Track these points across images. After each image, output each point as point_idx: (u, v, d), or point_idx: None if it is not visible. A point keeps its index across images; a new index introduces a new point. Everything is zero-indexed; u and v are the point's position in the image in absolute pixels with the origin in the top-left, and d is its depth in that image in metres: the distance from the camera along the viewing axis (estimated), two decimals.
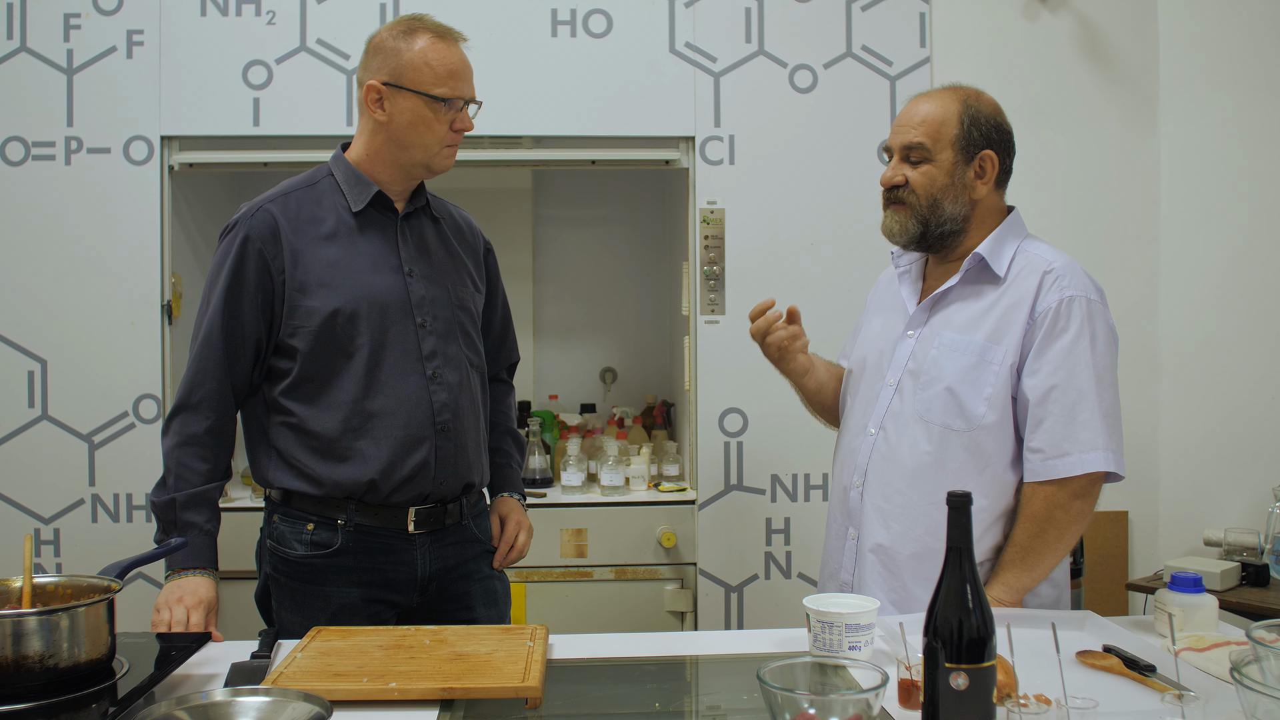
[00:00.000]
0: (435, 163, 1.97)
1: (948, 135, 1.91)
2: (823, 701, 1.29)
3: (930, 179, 1.92)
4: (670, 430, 3.64)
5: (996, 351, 1.87)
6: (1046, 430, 1.83)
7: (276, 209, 1.95)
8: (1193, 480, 3.12)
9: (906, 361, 1.95)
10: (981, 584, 1.28)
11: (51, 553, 2.89)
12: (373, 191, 1.97)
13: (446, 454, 1.98)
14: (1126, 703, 1.43)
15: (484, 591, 2.09)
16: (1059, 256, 1.92)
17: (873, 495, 1.95)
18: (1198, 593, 1.71)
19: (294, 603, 1.97)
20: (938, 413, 1.89)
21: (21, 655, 1.30)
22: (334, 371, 1.93)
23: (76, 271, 2.90)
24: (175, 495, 1.89)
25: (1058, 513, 1.83)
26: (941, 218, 1.93)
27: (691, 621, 3.05)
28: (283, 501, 1.97)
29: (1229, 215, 3.07)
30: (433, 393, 1.97)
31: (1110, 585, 3.16)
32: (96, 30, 2.90)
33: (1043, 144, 3.11)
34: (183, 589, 1.84)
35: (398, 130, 1.94)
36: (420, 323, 1.98)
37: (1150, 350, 3.17)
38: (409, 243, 2.01)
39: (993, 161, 1.92)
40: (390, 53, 1.93)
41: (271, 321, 1.94)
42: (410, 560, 1.99)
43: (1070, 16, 3.12)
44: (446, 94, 1.92)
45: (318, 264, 1.93)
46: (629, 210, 3.84)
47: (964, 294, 1.94)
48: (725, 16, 3.04)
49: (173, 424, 1.93)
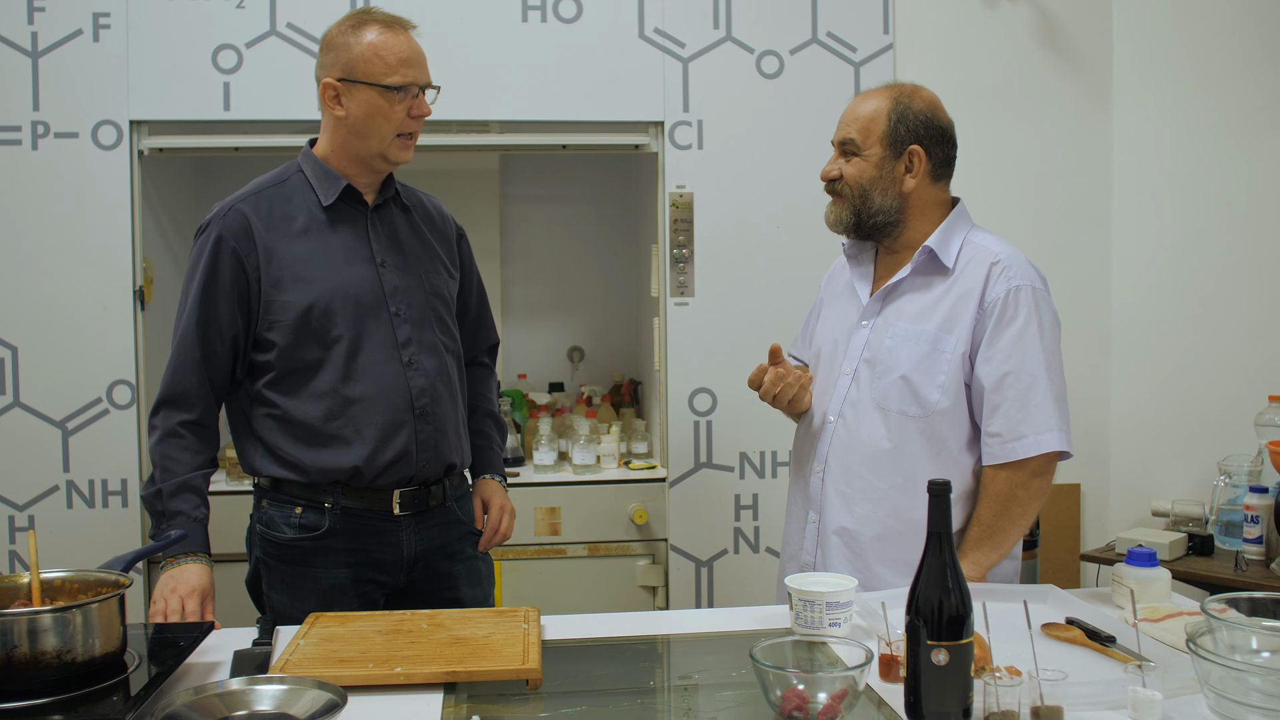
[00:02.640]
0: (391, 153, 2.00)
1: (876, 131, 2.00)
2: (813, 678, 1.37)
3: (860, 171, 2.01)
4: (638, 408, 3.70)
5: (948, 340, 1.96)
6: (1003, 415, 1.92)
7: (248, 207, 1.99)
8: (1141, 455, 3.25)
9: (862, 351, 2.04)
10: (960, 567, 1.36)
11: (25, 541, 2.89)
12: (342, 185, 2.01)
13: (427, 437, 2.03)
14: (1090, 673, 1.53)
15: (468, 571, 2.15)
16: (1004, 247, 2.01)
17: (834, 480, 2.04)
18: (1152, 566, 1.81)
19: (284, 585, 2.02)
20: (894, 400, 1.98)
21: (40, 651, 1.34)
22: (313, 363, 1.98)
23: (46, 257, 2.89)
24: (161, 486, 1.93)
25: (1019, 491, 1.93)
26: (872, 209, 2.02)
27: (663, 596, 3.13)
28: (271, 488, 2.02)
29: (1179, 201, 3.18)
30: (410, 379, 2.02)
31: (1063, 555, 3.29)
32: (62, 12, 2.87)
33: (1001, 130, 3.21)
34: (177, 579, 1.88)
35: (356, 124, 1.97)
36: (395, 311, 2.02)
37: (1102, 330, 3.29)
38: (380, 234, 2.06)
39: (920, 157, 2.00)
40: (341, 48, 1.96)
41: (249, 318, 1.98)
42: (396, 541, 2.04)
43: (1029, 6, 3.21)
44: (399, 82, 1.96)
45: (291, 260, 1.97)
46: (595, 190, 3.88)
47: (915, 285, 2.03)
48: (694, 3, 3.08)
49: (155, 420, 1.98)
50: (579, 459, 3.20)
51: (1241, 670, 1.35)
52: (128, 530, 2.91)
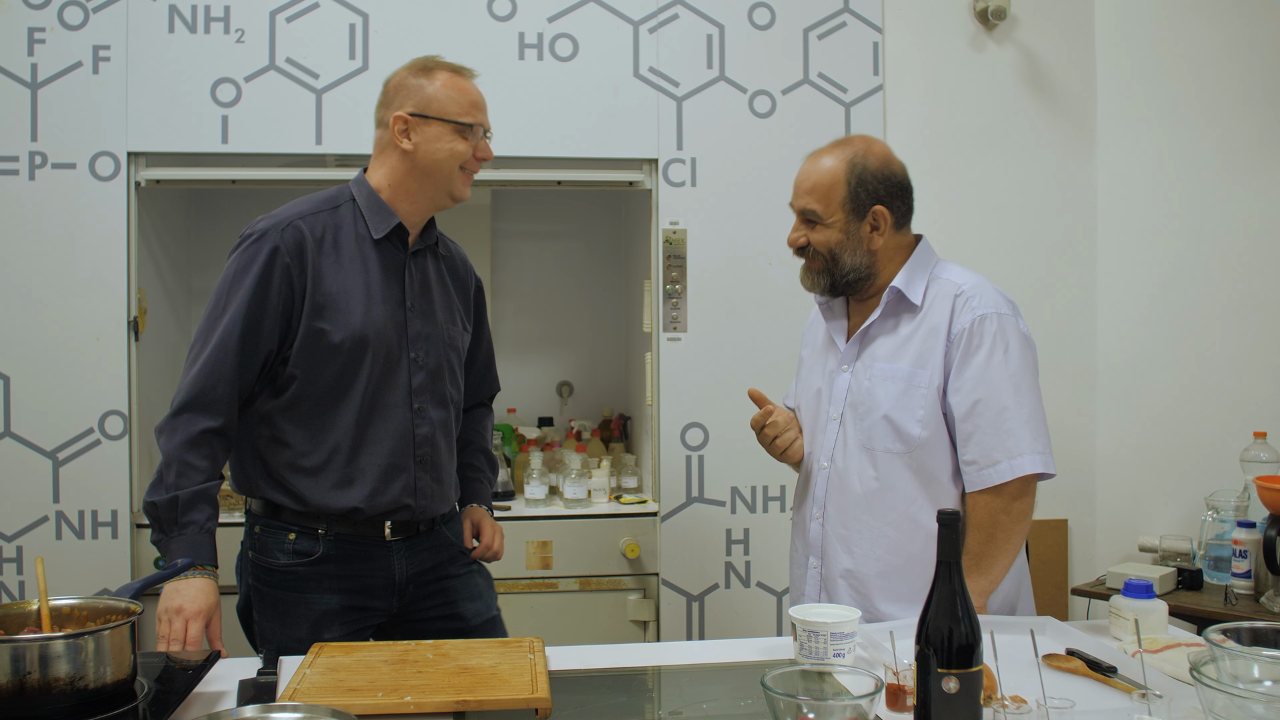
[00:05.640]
0: (456, 190, 2.06)
1: (836, 198, 2.02)
2: (824, 706, 1.38)
3: (827, 238, 2.04)
4: (627, 443, 3.71)
5: (922, 375, 1.99)
6: (976, 443, 1.96)
7: (306, 226, 1.99)
8: (1128, 490, 3.29)
9: (845, 395, 2.08)
10: (970, 595, 1.38)
11: (14, 570, 2.87)
12: (394, 222, 2.04)
13: (424, 485, 2.06)
14: (1095, 702, 1.55)
15: (464, 586, 2.15)
16: (968, 277, 2.04)
17: (832, 524, 2.07)
18: (1149, 598, 1.84)
19: (275, 612, 2.01)
20: (879, 439, 2.01)
21: (53, 677, 1.33)
22: (331, 397, 1.98)
23: (41, 287, 2.88)
24: (178, 493, 1.86)
25: (1001, 516, 1.95)
26: (844, 269, 2.04)
27: (654, 631, 3.13)
28: (264, 513, 2.02)
29: (1162, 238, 3.25)
30: (416, 426, 2.04)
31: (1051, 590, 3.32)
32: (62, 45, 2.89)
33: (987, 169, 3.27)
34: (183, 595, 1.83)
35: (424, 159, 2.02)
36: (414, 358, 2.05)
37: (1088, 366, 3.34)
38: (414, 278, 2.08)
39: (884, 216, 2.03)
40: (413, 88, 2.02)
41: (285, 336, 1.97)
42: (388, 566, 2.05)
43: (1014, 48, 3.28)
44: (470, 121, 2.02)
45: (334, 289, 1.98)
46: (584, 227, 3.91)
47: (886, 326, 2.06)
48: (688, 43, 3.14)
49: (176, 422, 1.90)
50: (570, 493, 3.20)
51: (1245, 698, 1.37)
52: (118, 561, 2.89)
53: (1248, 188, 3.11)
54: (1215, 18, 3.21)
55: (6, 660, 1.32)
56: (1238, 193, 3.13)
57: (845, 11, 3.20)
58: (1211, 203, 3.16)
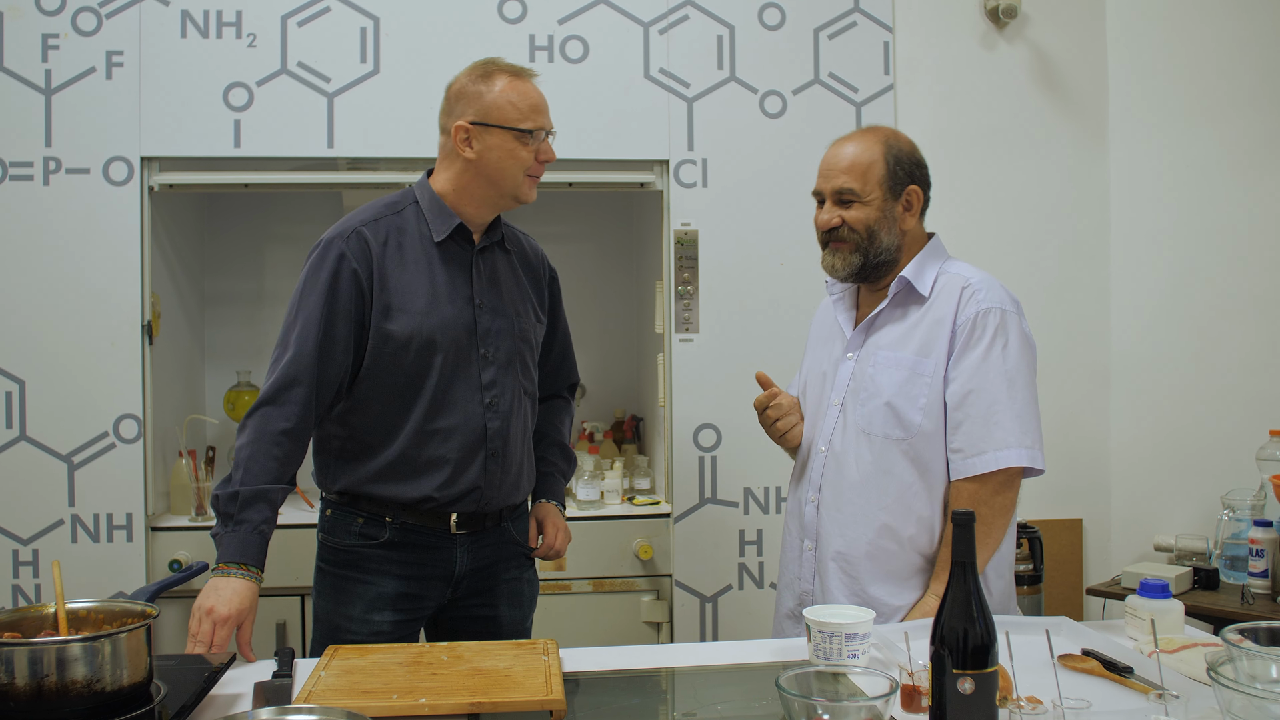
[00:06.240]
0: (521, 194, 2.08)
1: (875, 176, 2.05)
2: (839, 707, 1.38)
3: (865, 215, 2.06)
4: (640, 444, 3.71)
5: (926, 364, 2.01)
6: (965, 432, 1.98)
7: (369, 232, 2.03)
8: (1143, 489, 3.28)
9: (848, 382, 2.10)
10: (985, 596, 1.38)
11: (30, 574, 2.88)
12: (455, 223, 2.07)
13: (494, 477, 2.09)
14: (1112, 703, 1.54)
15: (510, 591, 2.19)
16: (976, 273, 2.07)
17: (827, 508, 2.09)
18: (1166, 598, 1.83)
19: (332, 589, 2.06)
20: (878, 425, 2.03)
21: (70, 680, 1.34)
22: (400, 394, 2.02)
23: (55, 292, 2.90)
24: (240, 489, 1.88)
25: (982, 508, 1.96)
26: (879, 249, 2.06)
27: (667, 632, 3.13)
28: (336, 501, 2.08)
29: (1175, 237, 3.23)
30: (488, 420, 2.07)
31: (1066, 590, 3.30)
32: (75, 51, 2.90)
33: (999, 167, 3.26)
34: (219, 595, 1.81)
35: (487, 166, 2.04)
36: (484, 354, 2.08)
37: (1102, 365, 3.32)
38: (481, 275, 2.11)
39: (918, 195, 2.08)
40: (473, 96, 2.04)
41: (360, 341, 2.01)
42: (449, 558, 2.09)
43: (1026, 47, 3.27)
44: (530, 127, 2.03)
45: (400, 289, 2.02)
46: (595, 228, 3.91)
47: (893, 315, 2.09)
48: (698, 44, 3.14)
49: (251, 420, 1.94)
50: (583, 495, 3.21)
51: (1264, 698, 1.36)
52: (133, 564, 2.90)
53: (1260, 186, 3.10)
54: (1227, 16, 3.20)
55: (25, 663, 1.34)
56: (1250, 191, 3.11)
57: (855, 11, 3.19)
58: (1224, 201, 3.15)
